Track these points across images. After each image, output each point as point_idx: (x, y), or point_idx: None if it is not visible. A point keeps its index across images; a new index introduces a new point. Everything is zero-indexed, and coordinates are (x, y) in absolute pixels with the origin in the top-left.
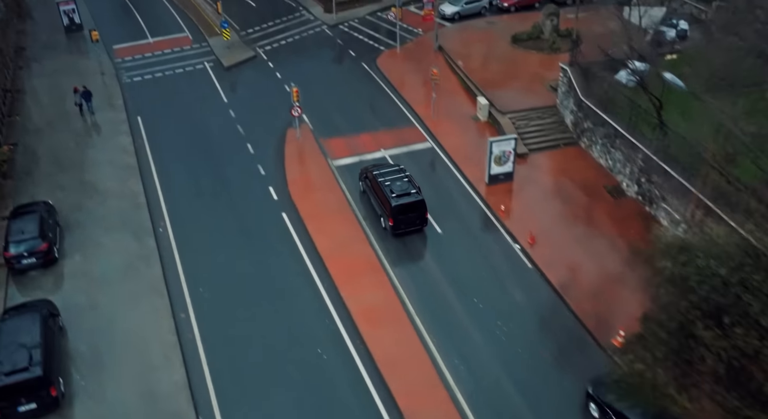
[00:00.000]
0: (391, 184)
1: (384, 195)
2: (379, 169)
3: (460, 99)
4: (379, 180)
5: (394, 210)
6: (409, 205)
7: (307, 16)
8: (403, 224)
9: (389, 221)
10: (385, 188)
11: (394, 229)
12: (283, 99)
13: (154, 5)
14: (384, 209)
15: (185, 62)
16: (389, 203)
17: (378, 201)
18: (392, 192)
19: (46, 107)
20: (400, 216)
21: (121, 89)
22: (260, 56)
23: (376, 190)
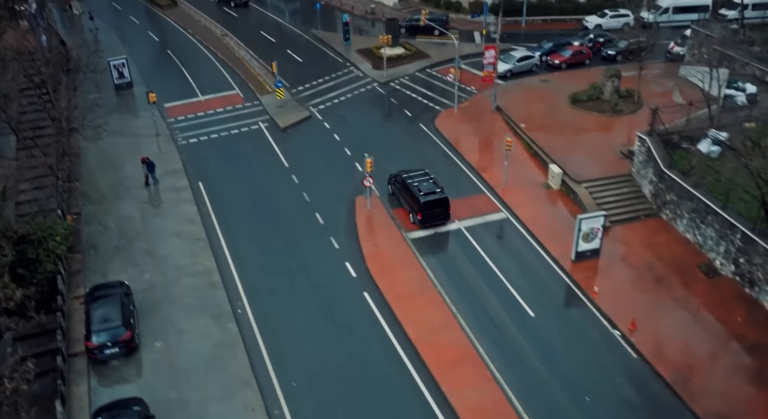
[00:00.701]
0: (419, 184)
1: (413, 194)
2: (407, 173)
3: (525, 163)
4: (408, 182)
5: (422, 206)
6: (435, 202)
7: (356, 73)
8: (430, 218)
9: (418, 215)
10: (414, 188)
11: (422, 222)
12: (344, 163)
13: (200, 60)
14: (413, 206)
15: (239, 122)
16: (418, 200)
17: (407, 200)
18: (420, 191)
19: (104, 172)
20: (427, 211)
21: (178, 152)
22: (315, 116)
23: (405, 190)
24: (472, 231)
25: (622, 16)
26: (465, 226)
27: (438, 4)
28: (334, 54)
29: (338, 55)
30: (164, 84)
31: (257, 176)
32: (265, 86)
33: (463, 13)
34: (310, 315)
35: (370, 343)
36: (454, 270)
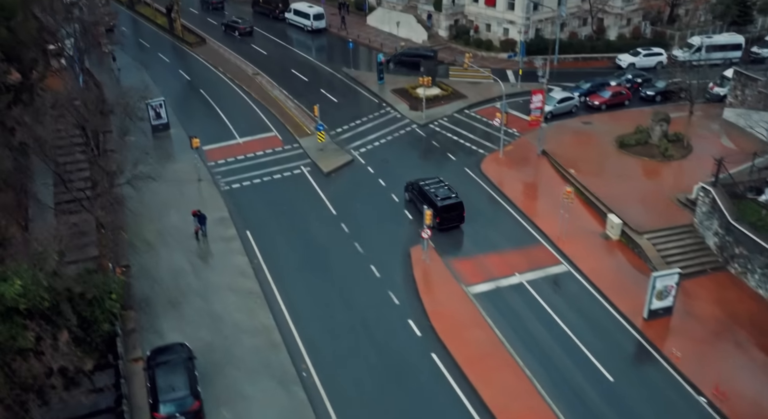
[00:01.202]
0: (436, 190)
1: (431, 200)
2: (423, 181)
3: (579, 211)
4: (425, 188)
5: (440, 210)
6: (452, 206)
7: (394, 114)
8: (447, 221)
9: (437, 219)
10: (431, 194)
11: (440, 225)
12: (392, 210)
13: (235, 100)
14: (431, 211)
15: (281, 166)
16: (436, 205)
17: (425, 205)
18: (437, 196)
19: (149, 220)
20: (444, 215)
21: (222, 198)
22: (357, 160)
23: (423, 197)
24: (534, 285)
25: (655, 54)
26: (527, 280)
27: (468, 42)
28: (369, 94)
29: (373, 95)
30: (200, 125)
31: (305, 224)
32: (303, 128)
33: (494, 51)
34: (379, 379)
35: (446, 412)
36: (522, 328)
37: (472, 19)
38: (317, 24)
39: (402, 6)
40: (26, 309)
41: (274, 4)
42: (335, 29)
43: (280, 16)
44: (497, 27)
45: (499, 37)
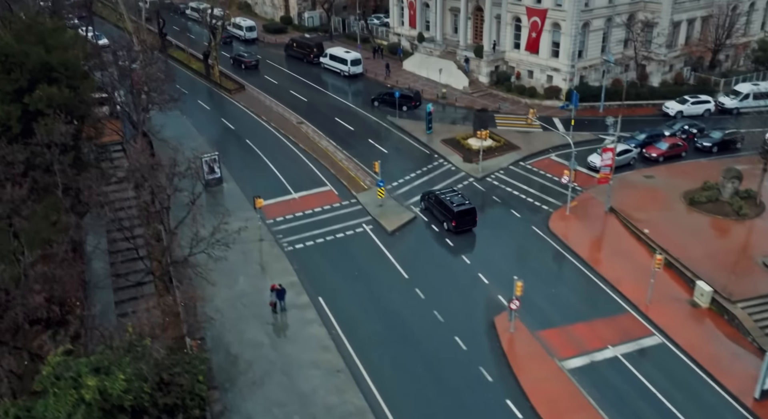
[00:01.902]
0: (451, 198)
1: (447, 206)
2: (439, 191)
3: (658, 274)
4: (441, 197)
5: (456, 215)
6: (466, 211)
7: (448, 166)
8: (462, 224)
9: (452, 223)
10: (447, 201)
11: (456, 228)
12: (464, 273)
13: (283, 151)
14: (447, 216)
15: (342, 224)
16: (453, 211)
17: (442, 211)
18: (453, 203)
19: (218, 287)
20: (460, 219)
21: (288, 260)
22: (419, 217)
23: (439, 204)
24: (630, 359)
25: (703, 102)
26: (621, 353)
27: (509, 89)
28: (418, 144)
29: (423, 145)
30: (252, 179)
31: (379, 289)
32: (358, 182)
33: (538, 98)
34: None
35: None
36: (628, 409)
37: (513, 65)
38: (354, 69)
39: (440, 51)
40: (130, 406)
41: (308, 48)
42: (372, 75)
43: (315, 61)
44: (540, 74)
45: (542, 84)
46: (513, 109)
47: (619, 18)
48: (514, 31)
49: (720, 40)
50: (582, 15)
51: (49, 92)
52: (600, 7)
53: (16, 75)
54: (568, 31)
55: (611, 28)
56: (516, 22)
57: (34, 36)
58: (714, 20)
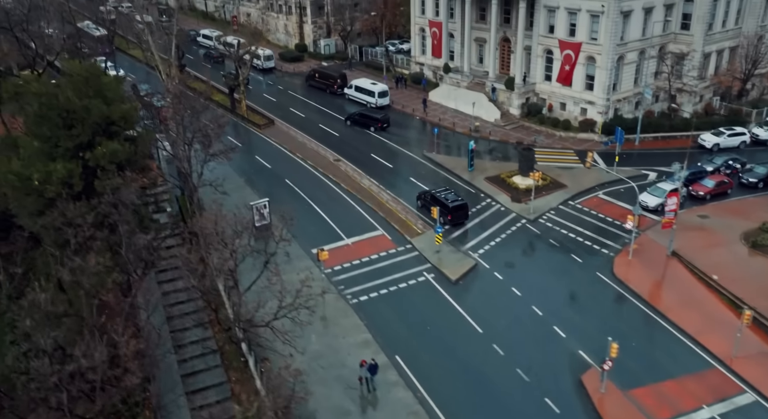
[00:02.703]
0: (445, 195)
1: (443, 203)
2: (434, 190)
3: (728, 320)
4: (437, 195)
5: (452, 210)
6: (460, 206)
7: (497, 206)
8: (456, 217)
9: (448, 217)
10: (443, 199)
11: (451, 221)
12: (539, 326)
13: (326, 192)
14: (444, 211)
15: (402, 273)
16: (448, 206)
17: (438, 207)
18: (447, 200)
19: (290, 347)
20: (454, 213)
21: (356, 315)
22: (480, 264)
23: (435, 201)
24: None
25: (738, 134)
26: (718, 414)
27: (542, 121)
28: (462, 182)
29: (467, 183)
30: (301, 223)
31: (456, 345)
32: (409, 225)
33: (572, 131)
34: None
35: None
36: None
37: (545, 97)
38: (381, 101)
39: (467, 82)
40: None
41: (331, 79)
42: (399, 106)
43: (338, 92)
44: (573, 106)
45: (575, 116)
46: (549, 143)
47: (651, 50)
48: (545, 63)
49: (748, 70)
50: (617, 49)
51: (112, 148)
52: (634, 40)
53: (78, 130)
54: (603, 65)
55: (643, 60)
56: (547, 54)
57: (92, 88)
58: (742, 51)
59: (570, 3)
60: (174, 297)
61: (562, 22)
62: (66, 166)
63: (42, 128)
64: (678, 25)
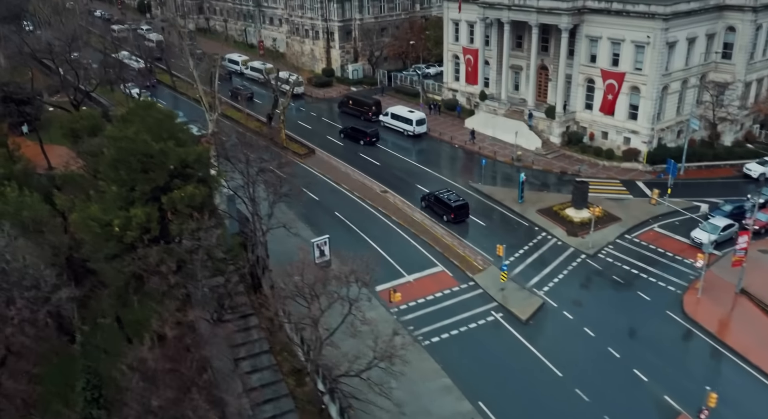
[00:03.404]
0: (448, 196)
1: (446, 203)
2: (438, 191)
3: None
4: (440, 196)
5: (454, 209)
6: (462, 206)
7: (553, 240)
8: (459, 216)
9: (451, 215)
10: (446, 199)
11: (454, 219)
12: (619, 370)
13: (377, 225)
14: (446, 210)
15: (470, 312)
16: (451, 206)
17: (441, 207)
18: (450, 200)
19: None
20: (457, 212)
21: (432, 358)
22: (548, 302)
23: (438, 202)
24: None
25: None
26: None
27: (584, 150)
28: (513, 215)
29: (519, 216)
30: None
31: (537, 390)
32: (469, 261)
33: (616, 160)
34: None
35: None
36: None
37: (585, 125)
38: (419, 129)
39: (505, 110)
40: None
41: (366, 106)
42: (436, 133)
43: (373, 119)
44: (616, 135)
45: (618, 145)
46: (593, 172)
47: (693, 79)
48: (586, 92)
49: None
50: (662, 79)
51: (190, 192)
52: (677, 70)
53: (155, 174)
54: (648, 95)
55: (685, 89)
56: (588, 83)
57: (166, 131)
58: None
59: (613, 33)
60: (240, 337)
61: (604, 52)
62: (146, 212)
63: (119, 172)
64: (719, 54)
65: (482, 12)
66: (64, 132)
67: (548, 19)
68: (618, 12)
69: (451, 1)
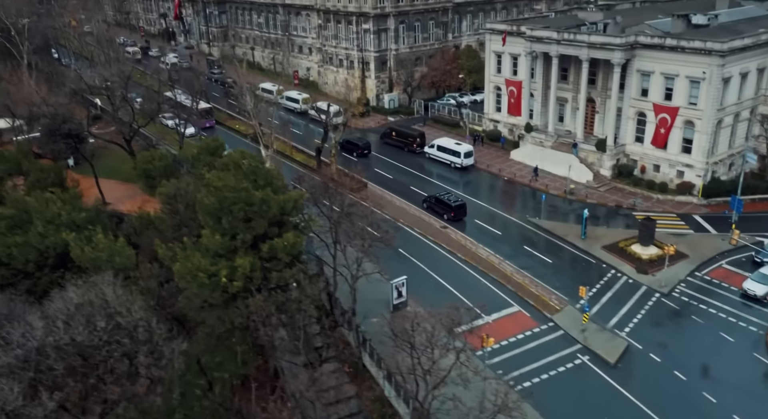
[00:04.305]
0: (448, 198)
1: (446, 203)
2: (438, 194)
3: None
4: (441, 198)
5: (454, 209)
6: (460, 205)
7: (623, 278)
8: (457, 215)
9: (451, 214)
10: (447, 200)
11: (453, 218)
12: (722, 417)
13: (444, 262)
14: (447, 210)
15: (555, 355)
16: (451, 206)
17: (442, 207)
18: (450, 200)
19: None
20: (456, 211)
21: (530, 406)
22: (632, 345)
23: (439, 202)
24: None
25: None
26: None
27: (636, 183)
28: (578, 251)
29: (584, 252)
30: (431, 298)
31: None
32: (544, 300)
33: (669, 193)
34: None
35: None
36: None
37: (636, 158)
38: (467, 161)
39: (552, 142)
40: None
41: (410, 138)
42: (483, 166)
43: (417, 151)
44: (668, 169)
45: (671, 178)
46: (648, 206)
47: (745, 112)
48: (636, 125)
49: None
50: (717, 113)
51: (291, 240)
52: (731, 104)
53: (256, 223)
54: (703, 130)
55: (737, 122)
56: (639, 117)
57: (262, 178)
58: None
59: (667, 69)
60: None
61: (657, 86)
62: (250, 261)
63: (221, 221)
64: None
65: (529, 46)
66: (138, 173)
67: (600, 54)
68: (672, 48)
69: (494, 34)
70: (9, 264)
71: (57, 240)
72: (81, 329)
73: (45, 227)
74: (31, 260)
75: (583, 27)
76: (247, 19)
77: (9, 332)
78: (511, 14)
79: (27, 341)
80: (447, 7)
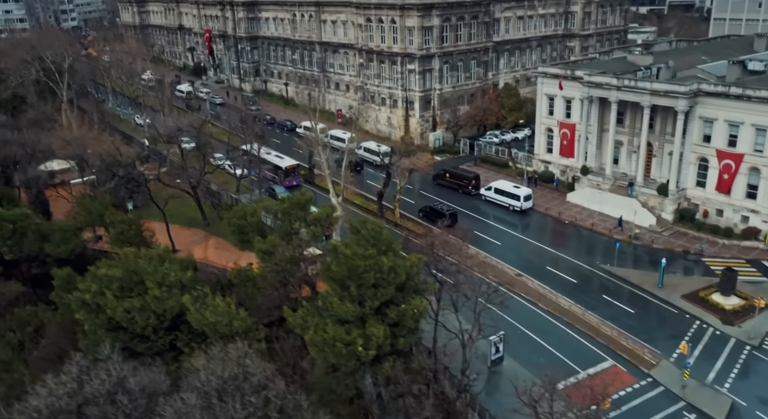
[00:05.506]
0: (441, 207)
1: (440, 212)
2: (432, 204)
3: None
4: (436, 208)
5: (448, 217)
6: (452, 214)
7: (709, 330)
8: (452, 222)
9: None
10: (441, 209)
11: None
12: None
13: (526, 313)
14: (441, 218)
15: (661, 413)
16: (444, 214)
17: (436, 216)
18: (443, 209)
19: None
20: (451, 219)
21: None
22: (736, 401)
23: (434, 212)
24: None
25: None
26: None
27: (699, 227)
28: (658, 300)
29: (663, 301)
30: (521, 350)
31: None
32: (637, 354)
33: (735, 238)
34: None
35: None
36: None
37: (697, 203)
38: (526, 204)
39: (609, 185)
40: None
41: (465, 180)
42: (542, 209)
43: (473, 192)
44: (732, 214)
45: (735, 223)
46: (714, 251)
47: None
48: (698, 170)
49: None
50: None
51: (419, 306)
52: None
53: (384, 290)
54: None
55: None
56: (701, 162)
57: (384, 243)
58: None
59: (731, 116)
60: None
61: (720, 133)
62: (377, 327)
63: (350, 288)
64: None
65: (587, 91)
66: (232, 229)
67: (663, 101)
68: (737, 96)
69: (548, 78)
70: (128, 329)
71: (173, 304)
72: (237, 406)
73: (160, 290)
74: (150, 324)
75: (639, 72)
76: (281, 55)
77: (165, 410)
78: (545, 52)
79: None
80: (488, 47)
